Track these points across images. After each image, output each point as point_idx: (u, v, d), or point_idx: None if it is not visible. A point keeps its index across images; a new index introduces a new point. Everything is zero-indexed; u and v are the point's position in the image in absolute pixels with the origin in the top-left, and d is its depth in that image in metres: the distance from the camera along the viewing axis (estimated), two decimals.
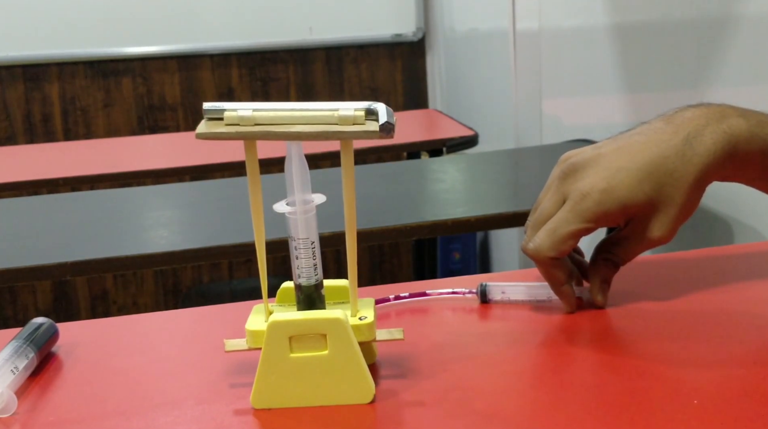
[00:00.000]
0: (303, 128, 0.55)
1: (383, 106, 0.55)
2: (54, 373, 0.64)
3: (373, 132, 0.54)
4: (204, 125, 0.56)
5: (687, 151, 0.68)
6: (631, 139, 0.70)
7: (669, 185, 0.68)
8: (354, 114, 0.54)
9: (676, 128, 0.69)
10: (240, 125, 0.55)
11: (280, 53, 2.88)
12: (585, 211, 0.68)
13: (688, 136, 0.68)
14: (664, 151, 0.68)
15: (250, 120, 0.55)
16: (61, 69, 2.74)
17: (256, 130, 0.55)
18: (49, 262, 1.17)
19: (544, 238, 0.69)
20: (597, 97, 1.84)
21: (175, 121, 2.85)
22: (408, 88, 2.98)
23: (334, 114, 0.55)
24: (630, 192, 0.68)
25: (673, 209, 0.68)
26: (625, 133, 0.72)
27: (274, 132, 0.54)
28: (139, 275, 2.86)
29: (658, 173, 0.68)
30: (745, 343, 0.65)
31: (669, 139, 0.68)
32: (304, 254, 0.58)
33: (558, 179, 0.71)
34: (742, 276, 0.79)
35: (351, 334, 0.56)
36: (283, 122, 0.55)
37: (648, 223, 0.69)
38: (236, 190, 1.49)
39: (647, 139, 0.69)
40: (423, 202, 1.46)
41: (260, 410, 0.57)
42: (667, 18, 1.48)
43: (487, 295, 0.74)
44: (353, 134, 0.55)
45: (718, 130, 0.68)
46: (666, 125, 0.70)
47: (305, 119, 0.55)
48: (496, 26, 2.32)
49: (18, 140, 2.75)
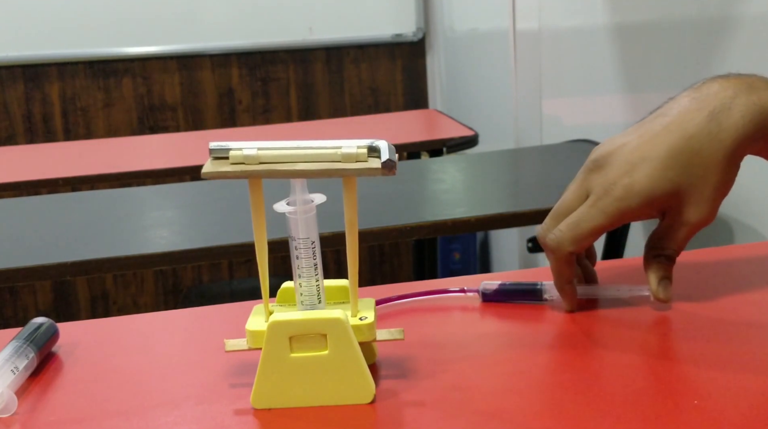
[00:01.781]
0: (306, 166, 0.56)
1: (385, 143, 0.56)
2: (54, 373, 0.64)
3: (375, 169, 0.55)
4: (210, 164, 0.57)
5: (713, 128, 0.65)
6: (654, 123, 0.68)
7: (697, 166, 0.66)
8: (357, 151, 0.55)
9: (700, 104, 0.67)
10: (245, 164, 0.56)
11: (280, 53, 2.88)
12: (607, 206, 0.67)
13: (713, 112, 0.66)
14: (688, 130, 0.66)
15: (255, 159, 0.56)
16: (61, 69, 2.74)
17: (261, 168, 0.56)
18: (49, 262, 1.17)
19: (566, 231, 0.68)
20: (597, 97, 1.84)
21: (175, 121, 2.85)
22: (408, 88, 2.98)
23: (337, 152, 0.55)
24: (654, 183, 0.66)
25: (707, 189, 0.66)
26: (650, 116, 0.70)
27: (279, 170, 0.56)
28: (139, 275, 2.86)
29: (683, 157, 0.66)
30: (745, 342, 0.65)
31: (693, 117, 0.66)
32: (304, 254, 0.58)
33: (584, 172, 0.70)
34: (742, 276, 0.79)
35: (351, 334, 0.56)
36: (287, 160, 0.56)
37: (684, 208, 0.67)
38: (236, 190, 1.49)
39: (671, 120, 0.67)
40: (423, 202, 1.46)
41: (260, 410, 0.57)
42: (667, 18, 1.48)
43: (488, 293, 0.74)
44: (356, 172, 0.56)
45: (747, 102, 0.65)
46: (691, 102, 0.68)
47: (308, 157, 0.56)
48: (496, 26, 2.32)
49: (18, 140, 2.75)
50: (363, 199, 0.59)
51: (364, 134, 2.31)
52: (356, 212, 0.57)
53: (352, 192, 0.57)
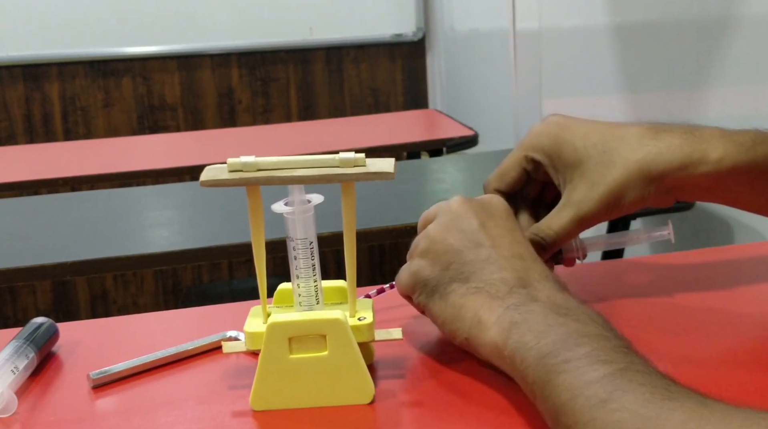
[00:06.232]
0: (305, 172, 0.56)
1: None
2: (54, 373, 0.64)
3: (374, 174, 0.56)
4: (207, 172, 0.57)
5: (646, 134, 0.66)
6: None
7: (615, 151, 0.65)
8: (354, 156, 0.56)
9: (651, 124, 0.67)
10: (243, 171, 0.56)
11: (280, 53, 2.88)
12: (524, 140, 0.69)
13: (656, 128, 0.66)
14: (628, 125, 0.67)
15: (253, 166, 0.56)
16: (61, 69, 2.74)
17: (259, 175, 0.56)
18: (49, 262, 1.17)
19: (492, 174, 0.70)
20: (597, 97, 1.84)
21: (175, 121, 2.85)
22: (408, 88, 2.98)
23: (335, 157, 0.56)
24: (571, 135, 0.67)
25: (608, 178, 0.65)
26: None
27: (277, 177, 0.56)
28: (139, 275, 2.86)
29: (609, 131, 0.66)
30: (745, 342, 0.65)
31: (639, 124, 0.67)
32: (302, 255, 0.58)
33: None
34: (742, 276, 0.79)
35: (351, 335, 0.56)
36: (286, 167, 0.56)
37: (579, 185, 0.66)
38: (236, 190, 1.49)
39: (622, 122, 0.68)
40: (423, 202, 1.46)
41: (260, 411, 0.57)
42: (667, 18, 1.48)
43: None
44: (354, 176, 0.56)
45: (693, 139, 0.65)
46: (644, 122, 0.68)
47: (307, 163, 0.56)
48: (496, 26, 2.32)
49: (18, 140, 2.75)
50: (363, 198, 0.59)
51: (364, 134, 2.31)
52: (355, 216, 0.57)
53: (351, 197, 0.57)
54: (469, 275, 0.59)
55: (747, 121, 0.68)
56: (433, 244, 0.61)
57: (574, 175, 0.67)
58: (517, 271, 0.58)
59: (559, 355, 0.50)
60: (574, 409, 0.47)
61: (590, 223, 0.67)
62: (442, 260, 0.60)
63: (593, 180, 0.65)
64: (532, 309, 0.55)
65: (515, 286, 0.57)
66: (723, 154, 0.64)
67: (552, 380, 0.49)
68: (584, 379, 0.47)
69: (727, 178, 0.65)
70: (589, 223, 0.67)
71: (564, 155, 0.67)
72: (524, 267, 0.58)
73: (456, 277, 0.59)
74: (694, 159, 0.64)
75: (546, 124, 0.69)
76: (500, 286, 0.57)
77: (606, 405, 0.45)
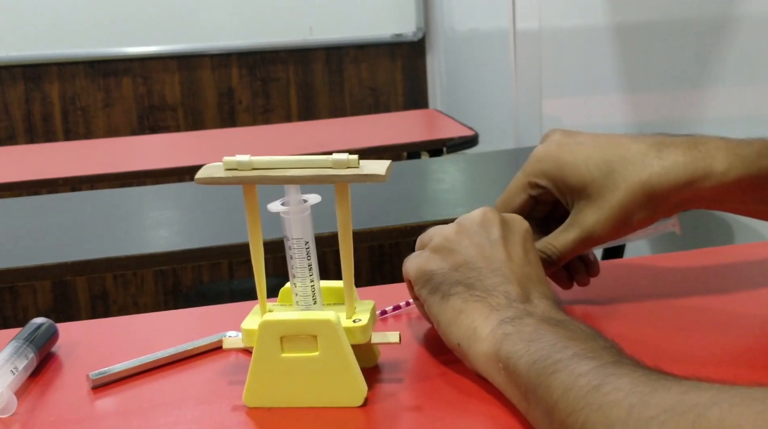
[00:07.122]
0: (299, 172, 0.56)
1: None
2: (54, 373, 0.64)
3: (366, 176, 0.56)
4: (204, 170, 0.57)
5: (649, 152, 0.66)
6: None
7: (619, 173, 0.65)
8: (348, 158, 0.56)
9: (654, 138, 0.67)
10: (238, 170, 0.56)
11: (280, 53, 2.88)
12: (526, 166, 0.69)
13: (660, 144, 0.66)
14: (630, 143, 0.66)
15: (248, 165, 0.56)
16: (61, 69, 2.74)
17: (254, 174, 0.56)
18: (49, 262, 1.17)
19: (497, 200, 0.71)
20: (597, 97, 1.84)
21: (175, 121, 2.85)
22: (408, 88, 2.98)
23: (328, 158, 0.56)
24: (573, 158, 0.67)
25: (614, 199, 0.65)
26: None
27: (271, 176, 0.56)
28: (139, 275, 2.86)
29: (611, 151, 0.66)
30: (745, 342, 0.65)
31: (642, 140, 0.67)
32: (298, 254, 0.58)
33: None
34: (742, 276, 0.79)
35: (342, 336, 0.56)
36: (279, 166, 0.56)
37: (586, 207, 0.67)
38: (236, 190, 1.49)
39: (623, 134, 0.68)
40: (423, 202, 1.46)
41: (260, 411, 0.57)
42: (667, 18, 1.48)
43: None
44: (348, 178, 0.56)
45: (697, 154, 0.65)
46: (647, 136, 0.68)
47: (301, 163, 0.56)
48: (496, 26, 2.32)
49: (18, 140, 2.75)
50: (363, 198, 0.59)
51: (364, 134, 2.31)
52: (350, 217, 0.57)
53: (345, 198, 0.57)
54: (474, 282, 0.60)
55: (747, 121, 0.68)
56: (448, 242, 0.62)
57: (580, 198, 0.67)
58: (521, 288, 0.59)
59: (549, 358, 0.50)
60: (567, 401, 0.47)
61: (597, 244, 0.68)
62: (454, 260, 0.61)
63: (599, 204, 0.66)
64: (526, 322, 0.55)
65: (515, 300, 0.58)
66: (728, 167, 0.64)
67: (543, 382, 0.49)
68: (576, 373, 0.48)
69: (733, 190, 0.65)
70: (596, 244, 0.68)
71: (567, 179, 0.67)
72: (529, 285, 0.59)
73: (462, 280, 0.60)
74: (699, 175, 0.65)
75: (547, 146, 0.69)
76: (502, 298, 0.58)
77: (599, 389, 0.46)
